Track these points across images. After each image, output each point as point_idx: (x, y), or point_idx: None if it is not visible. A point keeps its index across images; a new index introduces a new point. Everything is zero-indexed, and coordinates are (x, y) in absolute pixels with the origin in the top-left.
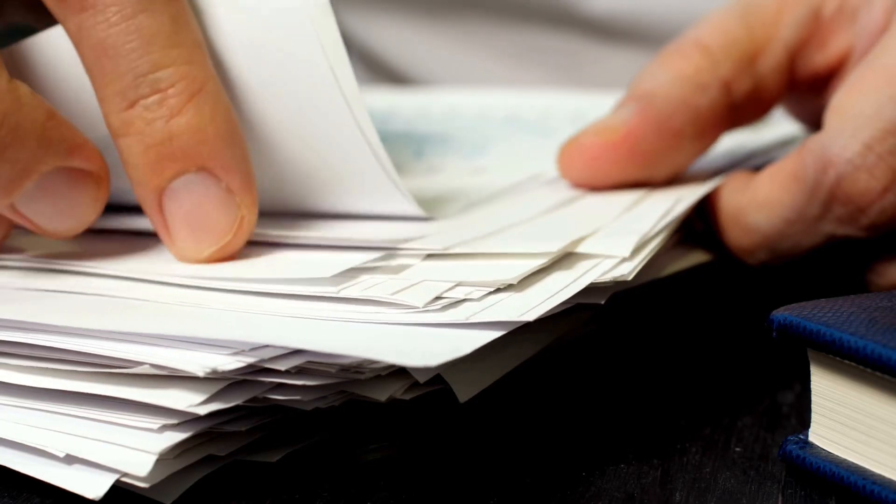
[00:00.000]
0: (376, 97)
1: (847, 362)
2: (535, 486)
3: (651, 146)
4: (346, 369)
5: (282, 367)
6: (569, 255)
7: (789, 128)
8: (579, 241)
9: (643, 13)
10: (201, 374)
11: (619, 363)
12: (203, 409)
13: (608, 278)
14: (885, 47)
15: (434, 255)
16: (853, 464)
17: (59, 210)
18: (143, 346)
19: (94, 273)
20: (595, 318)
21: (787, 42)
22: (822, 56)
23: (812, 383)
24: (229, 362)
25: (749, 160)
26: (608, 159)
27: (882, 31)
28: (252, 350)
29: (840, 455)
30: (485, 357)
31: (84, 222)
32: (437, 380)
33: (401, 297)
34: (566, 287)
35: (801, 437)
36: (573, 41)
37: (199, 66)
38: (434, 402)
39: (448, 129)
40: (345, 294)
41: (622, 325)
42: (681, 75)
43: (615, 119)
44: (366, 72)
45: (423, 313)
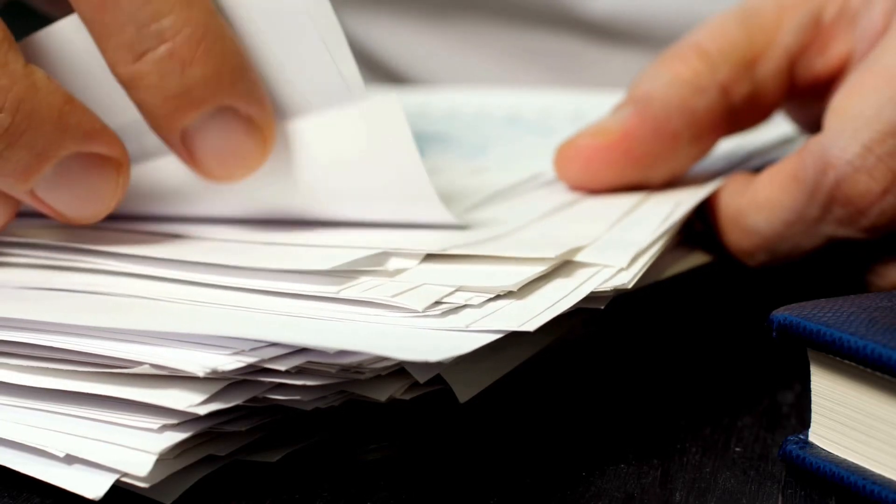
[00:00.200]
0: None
1: (847, 362)
2: (535, 486)
3: (647, 149)
4: (346, 369)
5: (282, 367)
6: (568, 263)
7: (789, 128)
8: (577, 249)
9: (643, 15)
10: (201, 374)
11: (619, 363)
12: (203, 409)
13: (608, 287)
14: (884, 49)
15: (432, 256)
16: (853, 464)
17: (79, 196)
18: (142, 346)
19: (95, 270)
20: (595, 318)
21: (787, 47)
22: (822, 61)
23: (812, 383)
24: (229, 362)
25: (748, 161)
26: (604, 161)
27: (881, 33)
28: (252, 350)
29: (840, 455)
30: (484, 357)
31: (105, 208)
32: (437, 380)
33: (401, 300)
34: (567, 296)
35: (801, 437)
36: (573, 42)
37: (199, 7)
38: (434, 402)
39: (448, 128)
40: (344, 295)
41: (622, 325)
42: (678, 78)
43: (612, 121)
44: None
45: (422, 318)
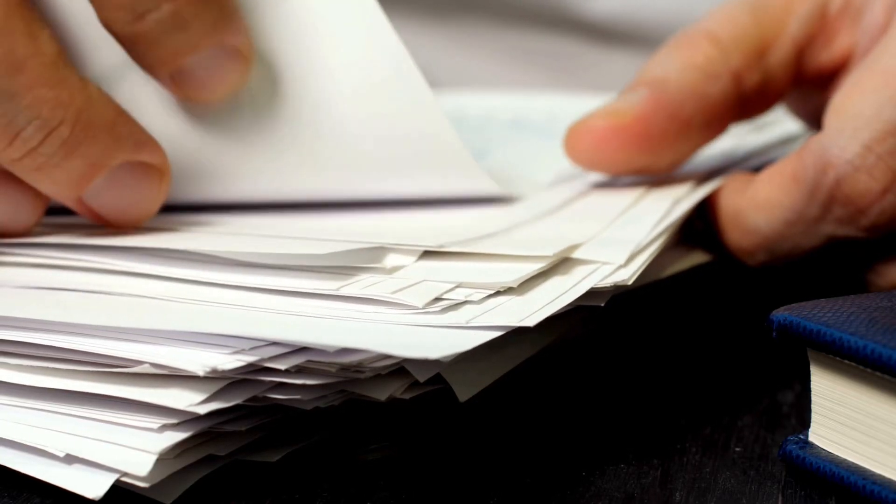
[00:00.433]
0: None
1: (847, 362)
2: (535, 486)
3: (659, 132)
4: (346, 368)
5: (282, 366)
6: (568, 259)
7: (788, 128)
8: (576, 246)
9: (643, 16)
10: (201, 373)
11: (619, 363)
12: (203, 409)
13: (608, 283)
14: (884, 48)
15: (430, 252)
16: (853, 464)
17: (125, 202)
18: (142, 345)
19: (94, 269)
20: (595, 317)
21: (794, 37)
22: (827, 53)
23: (812, 383)
24: (229, 361)
25: (748, 161)
26: (615, 143)
27: (883, 30)
28: (252, 349)
29: (840, 455)
30: (484, 357)
31: (147, 214)
32: (437, 379)
33: (401, 297)
34: (567, 292)
35: (801, 437)
36: (573, 44)
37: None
38: (434, 402)
39: None
40: (344, 292)
41: (622, 325)
42: (692, 64)
43: (625, 103)
44: None
45: (423, 314)
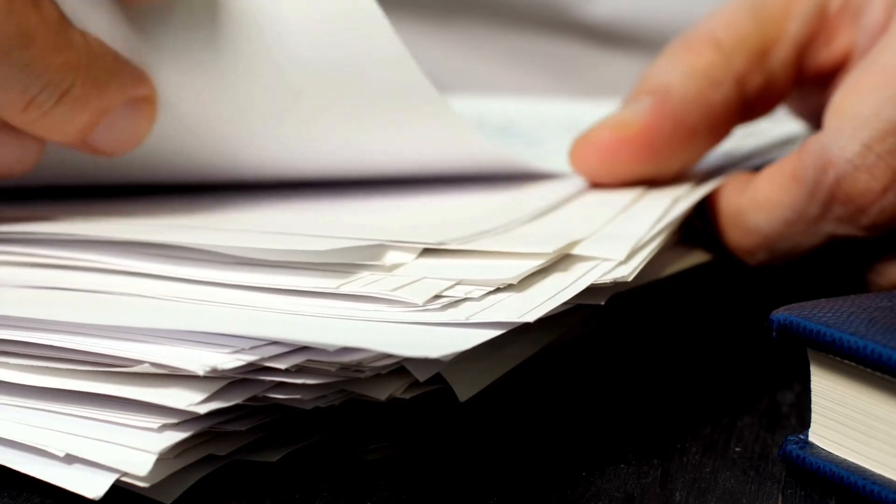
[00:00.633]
0: None
1: (847, 362)
2: (535, 486)
3: (665, 142)
4: (346, 368)
5: (282, 365)
6: (568, 256)
7: (789, 128)
8: (575, 243)
9: (644, 19)
10: (201, 372)
11: (619, 363)
12: (203, 408)
13: (608, 280)
14: (884, 48)
15: (430, 249)
16: (853, 464)
17: (123, 136)
18: (142, 344)
19: (94, 269)
20: (595, 317)
21: (795, 37)
22: (827, 52)
23: (812, 383)
24: (229, 361)
25: (748, 160)
26: (623, 154)
27: (882, 29)
28: (252, 348)
29: (840, 455)
30: (484, 356)
31: (141, 141)
32: (437, 379)
33: (401, 295)
34: (566, 288)
35: (801, 437)
36: (574, 47)
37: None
38: (434, 402)
39: None
40: (344, 290)
41: (622, 324)
42: (694, 70)
43: (629, 114)
44: None
45: (423, 312)
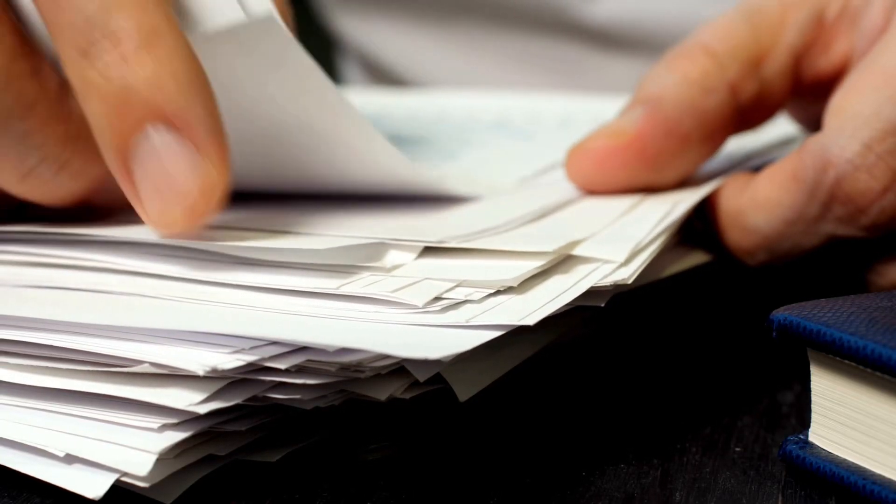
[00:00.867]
0: (369, 98)
1: (847, 362)
2: (535, 486)
3: (659, 150)
4: (346, 368)
5: (282, 365)
6: (568, 258)
7: (789, 128)
8: (576, 243)
9: (645, 21)
10: (201, 372)
11: (619, 363)
12: (203, 408)
13: (608, 282)
14: (883, 48)
15: (430, 249)
16: (853, 464)
17: (118, 195)
18: (142, 344)
19: (94, 268)
20: (595, 317)
21: (792, 45)
22: (825, 60)
23: (812, 383)
24: (229, 361)
25: (748, 161)
26: (617, 162)
27: (881, 32)
28: (252, 348)
29: (840, 455)
30: (484, 356)
31: None
32: (437, 379)
33: (401, 296)
34: (567, 290)
35: (801, 437)
36: (574, 48)
37: (155, 10)
38: (434, 402)
39: (427, 133)
40: (344, 291)
41: (622, 325)
42: (688, 79)
43: (623, 122)
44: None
45: (423, 314)
